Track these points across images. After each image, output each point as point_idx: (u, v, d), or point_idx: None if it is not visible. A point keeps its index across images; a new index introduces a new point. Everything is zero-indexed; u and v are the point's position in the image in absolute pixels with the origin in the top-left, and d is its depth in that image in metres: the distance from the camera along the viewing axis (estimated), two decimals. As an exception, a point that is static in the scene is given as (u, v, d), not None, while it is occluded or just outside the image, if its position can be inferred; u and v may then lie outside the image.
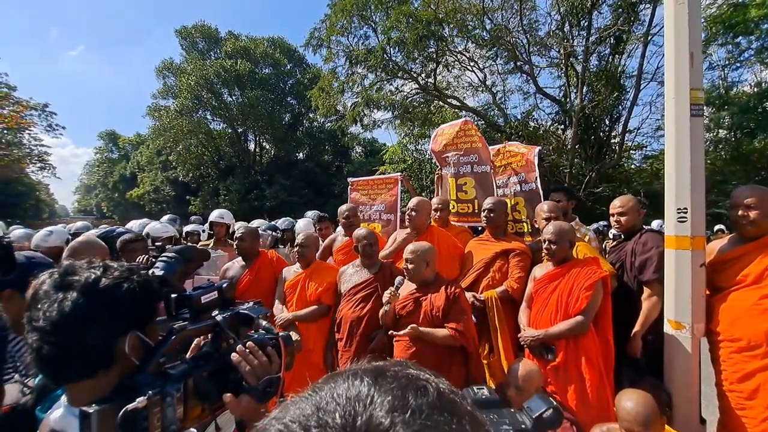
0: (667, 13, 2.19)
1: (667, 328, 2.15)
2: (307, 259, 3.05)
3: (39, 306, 0.72)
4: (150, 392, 0.68)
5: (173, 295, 0.90)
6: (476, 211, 3.48)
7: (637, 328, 2.35)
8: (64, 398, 0.76)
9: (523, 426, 0.62)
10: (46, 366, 0.73)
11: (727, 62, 11.89)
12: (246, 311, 0.93)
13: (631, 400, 1.64)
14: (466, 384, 1.38)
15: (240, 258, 3.25)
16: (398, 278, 2.40)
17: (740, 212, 2.04)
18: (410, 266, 2.39)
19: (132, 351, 0.75)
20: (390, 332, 2.43)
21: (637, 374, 2.33)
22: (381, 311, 2.47)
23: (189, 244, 4.70)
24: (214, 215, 4.31)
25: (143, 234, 3.49)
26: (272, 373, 0.83)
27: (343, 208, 3.63)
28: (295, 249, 3.07)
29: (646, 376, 2.28)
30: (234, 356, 0.83)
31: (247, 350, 0.83)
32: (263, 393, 0.81)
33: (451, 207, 3.68)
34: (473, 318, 2.62)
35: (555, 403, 0.72)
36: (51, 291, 0.73)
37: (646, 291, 2.36)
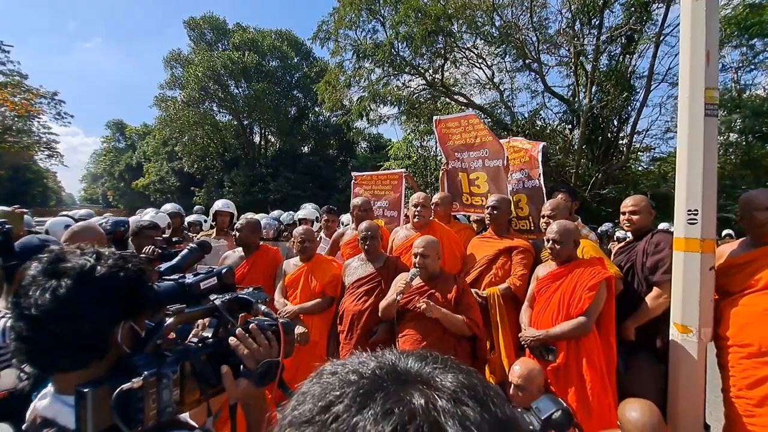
0: (683, 10, 2.13)
1: (674, 332, 2.11)
2: (309, 252, 3.04)
3: (30, 293, 0.68)
4: (146, 372, 0.67)
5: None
6: None
7: (632, 319, 2.36)
8: (50, 387, 0.74)
9: (531, 427, 0.60)
10: (36, 355, 0.70)
11: (740, 64, 11.71)
12: (245, 296, 0.92)
13: (636, 411, 1.60)
14: None
15: (241, 248, 3.24)
16: (413, 270, 2.34)
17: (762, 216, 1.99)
18: (425, 260, 2.34)
19: (124, 340, 0.73)
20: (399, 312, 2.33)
21: (628, 353, 2.34)
22: (384, 302, 2.42)
23: (191, 234, 4.72)
24: (220, 204, 4.30)
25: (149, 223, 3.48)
26: (271, 357, 0.83)
27: (357, 200, 3.57)
28: (296, 242, 3.05)
29: (639, 353, 2.33)
30: (232, 340, 0.82)
31: (248, 333, 0.83)
32: (261, 376, 0.81)
33: (465, 200, 3.65)
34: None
35: (565, 404, 0.69)
36: (41, 278, 0.70)
37: (656, 291, 2.32)
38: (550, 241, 2.32)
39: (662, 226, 6.80)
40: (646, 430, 1.53)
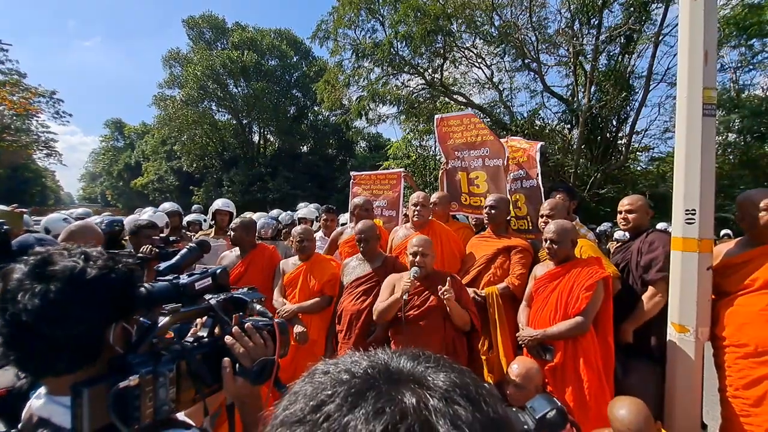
0: (682, 9, 2.14)
1: (671, 332, 2.12)
2: (308, 252, 3.03)
3: (18, 298, 0.66)
4: (143, 371, 0.68)
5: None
6: None
7: (629, 321, 2.35)
8: (43, 388, 0.74)
9: (525, 426, 0.60)
10: (28, 361, 0.69)
11: (739, 64, 11.71)
12: (240, 295, 0.93)
13: (624, 408, 1.61)
14: None
15: (238, 248, 3.24)
16: (414, 269, 2.34)
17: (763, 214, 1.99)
18: (425, 258, 2.35)
19: (117, 341, 0.73)
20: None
21: (626, 356, 2.33)
22: (383, 304, 2.39)
23: (189, 233, 4.71)
24: (219, 204, 4.28)
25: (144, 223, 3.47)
26: (267, 355, 0.83)
27: (358, 200, 3.56)
28: (295, 241, 3.05)
29: (637, 356, 2.33)
30: (227, 338, 0.83)
31: (243, 332, 0.83)
32: (257, 375, 0.81)
33: (463, 200, 3.65)
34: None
35: (559, 404, 0.69)
36: (28, 282, 0.67)
37: (650, 290, 2.32)
38: (548, 241, 2.32)
39: (660, 225, 6.81)
40: (633, 426, 1.54)
